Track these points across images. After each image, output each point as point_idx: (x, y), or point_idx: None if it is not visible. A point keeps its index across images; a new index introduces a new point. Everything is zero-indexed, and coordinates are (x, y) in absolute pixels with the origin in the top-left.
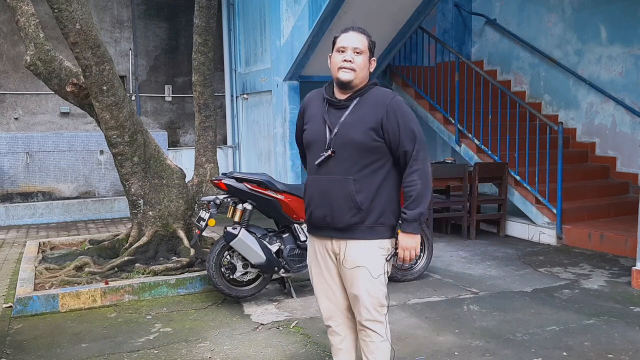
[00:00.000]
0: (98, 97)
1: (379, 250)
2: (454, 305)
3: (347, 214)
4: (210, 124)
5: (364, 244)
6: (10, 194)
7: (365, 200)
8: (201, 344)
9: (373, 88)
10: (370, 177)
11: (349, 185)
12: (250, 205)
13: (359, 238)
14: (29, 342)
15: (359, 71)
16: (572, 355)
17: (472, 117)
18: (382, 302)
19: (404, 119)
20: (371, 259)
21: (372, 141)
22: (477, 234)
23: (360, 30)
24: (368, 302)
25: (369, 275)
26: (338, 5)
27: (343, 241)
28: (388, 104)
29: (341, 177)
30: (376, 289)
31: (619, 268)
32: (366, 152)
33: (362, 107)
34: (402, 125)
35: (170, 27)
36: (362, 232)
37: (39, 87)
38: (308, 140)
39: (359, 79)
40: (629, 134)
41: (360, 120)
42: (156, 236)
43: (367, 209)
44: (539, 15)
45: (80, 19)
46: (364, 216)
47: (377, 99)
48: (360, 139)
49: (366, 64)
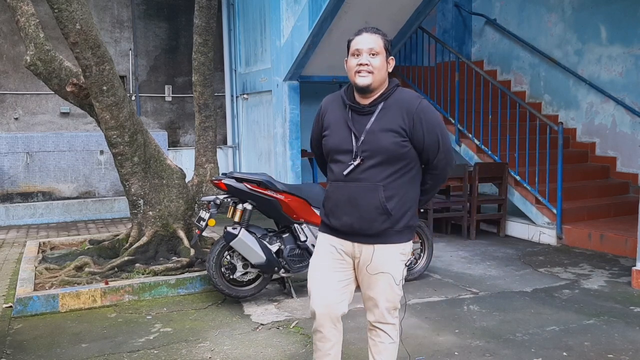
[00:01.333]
0: (98, 97)
1: (400, 256)
2: (454, 305)
3: (377, 220)
4: (210, 124)
5: (391, 248)
6: (10, 194)
7: (396, 206)
8: (201, 344)
9: (397, 90)
10: (399, 182)
11: (379, 193)
12: (250, 205)
13: (387, 242)
14: (29, 342)
15: (376, 73)
16: (572, 355)
17: (472, 117)
18: (397, 305)
19: (429, 127)
20: (394, 266)
21: (401, 147)
22: (477, 234)
23: (374, 30)
24: (384, 306)
25: (392, 282)
26: (338, 5)
27: (369, 246)
28: (414, 111)
29: (370, 184)
30: (394, 294)
31: (619, 268)
32: (395, 158)
33: (388, 113)
34: (427, 134)
35: (170, 27)
36: (390, 236)
37: (39, 87)
38: (331, 147)
39: (377, 81)
40: (629, 134)
41: (387, 127)
42: (156, 236)
43: (396, 215)
44: (539, 15)
45: (80, 19)
46: (393, 222)
47: (402, 103)
48: (389, 147)
49: (384, 64)
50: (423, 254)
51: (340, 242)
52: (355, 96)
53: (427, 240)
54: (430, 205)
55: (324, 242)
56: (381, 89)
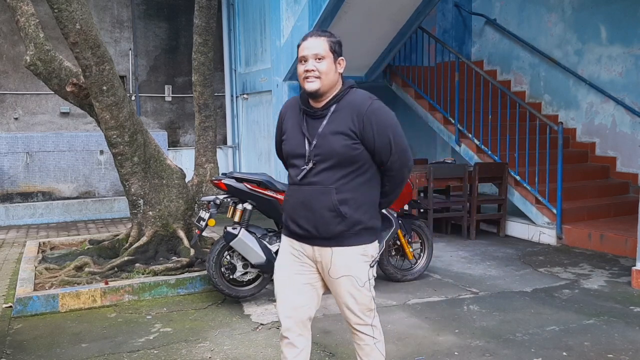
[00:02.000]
0: (98, 97)
1: (362, 258)
2: (454, 305)
3: (331, 223)
4: (210, 124)
5: (349, 251)
6: (10, 194)
7: (350, 209)
8: (201, 344)
9: (349, 92)
10: (352, 185)
11: (331, 195)
12: (250, 205)
13: (345, 245)
14: (29, 342)
15: (324, 78)
16: (572, 355)
17: (472, 117)
18: (370, 306)
19: (379, 128)
20: (356, 267)
21: (352, 150)
22: (477, 234)
23: (319, 34)
24: (356, 309)
25: (356, 284)
26: (338, 5)
27: (327, 249)
28: (365, 112)
29: (323, 187)
30: (363, 296)
31: (619, 268)
32: (347, 161)
33: (340, 115)
34: (377, 136)
35: (170, 27)
36: (347, 239)
37: (39, 87)
38: (287, 152)
39: (326, 85)
40: (629, 134)
41: (337, 130)
42: (156, 236)
43: (351, 217)
44: (539, 15)
45: (80, 19)
46: (349, 224)
47: (353, 105)
48: (339, 150)
49: (331, 67)
50: (423, 254)
51: (301, 245)
52: (309, 100)
53: (427, 240)
54: (430, 205)
55: (286, 246)
56: (333, 91)
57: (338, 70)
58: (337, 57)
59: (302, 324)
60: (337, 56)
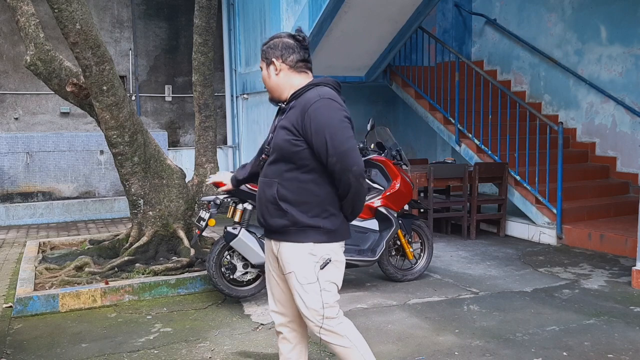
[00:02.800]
0: (98, 97)
1: (309, 257)
2: (454, 305)
3: (274, 216)
4: (210, 124)
5: (294, 247)
6: (10, 194)
7: (290, 205)
8: (201, 344)
9: (310, 89)
10: (295, 182)
11: (274, 188)
12: (250, 205)
13: (289, 240)
14: (29, 342)
15: (267, 85)
16: (572, 355)
17: (472, 117)
18: (323, 313)
19: (317, 127)
20: (299, 264)
21: (292, 146)
22: (477, 234)
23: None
24: (306, 312)
25: (299, 281)
26: (338, 6)
27: (276, 242)
28: (307, 110)
29: (269, 179)
30: (309, 297)
31: (619, 268)
32: (288, 156)
33: (291, 112)
34: (314, 135)
35: (170, 27)
36: (291, 234)
37: (39, 87)
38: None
39: (273, 90)
40: (629, 134)
41: (283, 125)
42: (156, 236)
43: (293, 212)
44: (539, 15)
45: (80, 19)
46: (291, 219)
47: (302, 103)
48: (281, 144)
49: (266, 75)
50: (423, 254)
51: (267, 240)
52: None
53: (427, 240)
54: (430, 205)
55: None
56: (287, 91)
57: (273, 73)
58: (268, 63)
59: (292, 319)
60: (268, 62)
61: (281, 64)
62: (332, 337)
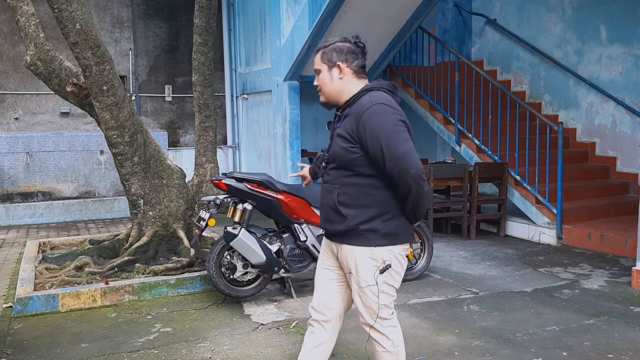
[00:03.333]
0: (98, 97)
1: (369, 261)
2: (454, 305)
3: (335, 221)
4: (210, 124)
5: (355, 250)
6: (10, 194)
7: (351, 210)
8: (201, 344)
9: (364, 95)
10: (354, 187)
11: (334, 193)
12: (250, 205)
13: (350, 244)
14: (29, 342)
15: (325, 90)
16: (572, 355)
17: (472, 117)
18: (378, 313)
19: (372, 133)
20: (360, 268)
21: (349, 153)
22: (477, 234)
23: (317, 48)
24: (362, 309)
25: (358, 283)
26: (338, 5)
27: (338, 244)
28: (361, 117)
29: (329, 185)
30: (367, 299)
31: (619, 268)
32: (347, 163)
33: (347, 119)
34: (370, 141)
35: (170, 27)
36: (351, 238)
37: (39, 87)
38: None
39: (330, 95)
40: (629, 134)
41: (340, 133)
42: (156, 236)
43: (352, 217)
44: (539, 15)
45: (80, 19)
46: (350, 224)
47: (357, 110)
48: (339, 152)
49: (327, 78)
50: (423, 254)
51: (328, 241)
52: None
53: (427, 240)
54: (430, 205)
55: (325, 241)
56: (345, 97)
57: (337, 76)
58: (331, 66)
59: (329, 319)
60: (331, 65)
61: (346, 67)
62: (380, 337)
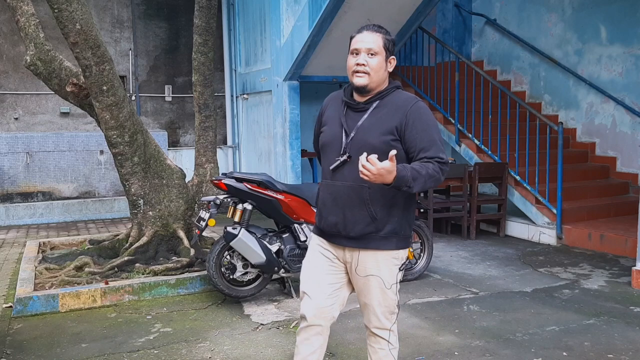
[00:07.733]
0: (98, 97)
1: (392, 261)
2: (454, 305)
3: (360, 223)
4: (210, 124)
5: (378, 254)
6: (10, 194)
7: (381, 210)
8: (201, 344)
9: (395, 92)
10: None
11: (364, 193)
12: (250, 205)
13: (373, 248)
14: (29, 342)
15: (373, 74)
16: (572, 355)
17: (472, 117)
18: (393, 310)
19: (424, 126)
20: (385, 269)
21: (389, 147)
22: (477, 234)
23: (376, 29)
24: (379, 311)
25: (382, 285)
26: (338, 5)
27: (356, 250)
28: (409, 109)
29: (356, 184)
30: (388, 298)
31: (619, 268)
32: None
33: (382, 111)
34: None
35: (170, 27)
36: (375, 242)
37: (39, 87)
38: (323, 143)
39: (374, 82)
40: (629, 134)
41: (377, 124)
42: (156, 236)
43: (382, 219)
44: (539, 15)
45: (80, 19)
46: (378, 226)
47: (398, 103)
48: (377, 145)
49: (382, 65)
50: (423, 254)
51: (331, 245)
52: (354, 94)
53: (427, 240)
54: (430, 205)
55: (315, 245)
56: (379, 88)
57: (388, 68)
58: (389, 56)
59: (323, 323)
60: (389, 54)
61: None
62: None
